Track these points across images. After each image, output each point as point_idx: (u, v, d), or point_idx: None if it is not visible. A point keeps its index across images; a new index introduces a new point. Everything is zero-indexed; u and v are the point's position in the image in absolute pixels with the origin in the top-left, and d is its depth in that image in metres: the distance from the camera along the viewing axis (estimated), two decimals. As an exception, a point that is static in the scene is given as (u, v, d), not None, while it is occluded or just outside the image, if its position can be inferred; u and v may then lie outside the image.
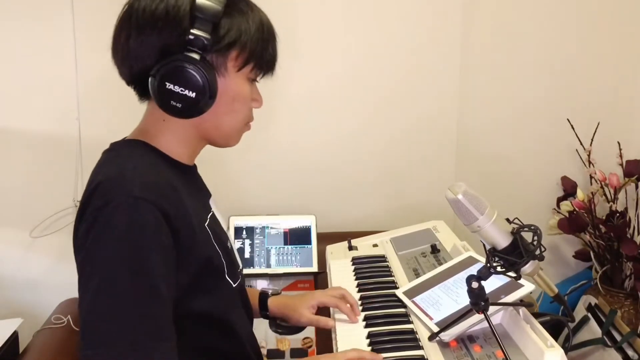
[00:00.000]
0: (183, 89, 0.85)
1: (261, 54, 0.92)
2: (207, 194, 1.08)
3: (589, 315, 1.77)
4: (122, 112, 1.90)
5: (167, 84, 0.85)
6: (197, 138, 0.96)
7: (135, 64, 0.89)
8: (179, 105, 0.86)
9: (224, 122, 0.94)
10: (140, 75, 0.89)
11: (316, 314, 1.20)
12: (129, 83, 0.94)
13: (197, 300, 0.90)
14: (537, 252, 0.90)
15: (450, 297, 1.11)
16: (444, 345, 1.00)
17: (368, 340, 1.05)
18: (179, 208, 0.87)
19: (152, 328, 0.79)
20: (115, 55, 0.92)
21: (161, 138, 0.93)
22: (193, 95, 0.85)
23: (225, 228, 1.06)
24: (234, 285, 0.99)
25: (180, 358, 0.82)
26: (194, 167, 1.02)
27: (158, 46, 0.86)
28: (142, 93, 0.94)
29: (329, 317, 1.19)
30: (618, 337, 1.64)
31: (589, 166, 1.85)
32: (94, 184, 0.84)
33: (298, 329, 1.25)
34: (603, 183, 1.80)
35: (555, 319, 1.13)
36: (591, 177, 1.86)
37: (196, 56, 0.85)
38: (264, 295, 1.24)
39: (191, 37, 0.84)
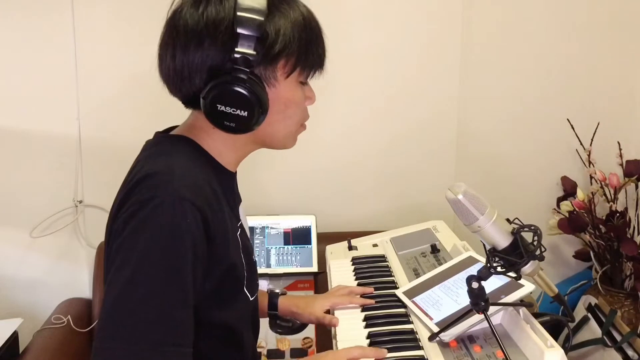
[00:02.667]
0: (235, 110, 0.84)
1: (308, 56, 0.90)
2: (239, 200, 1.06)
3: (589, 315, 1.77)
4: (122, 112, 1.93)
5: (219, 105, 0.84)
6: (250, 144, 0.95)
7: (183, 85, 0.87)
8: (232, 124, 0.86)
9: (278, 129, 0.93)
10: (191, 95, 0.88)
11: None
12: (183, 102, 0.92)
13: (213, 309, 0.88)
14: (537, 252, 0.89)
15: (450, 297, 1.11)
16: (444, 345, 1.00)
17: (368, 341, 1.05)
18: (218, 215, 0.86)
19: (176, 332, 0.77)
20: (161, 73, 0.90)
21: (210, 141, 0.92)
22: (245, 114, 0.85)
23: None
24: (250, 299, 0.97)
25: None
26: (235, 173, 1.00)
27: (205, 68, 0.85)
28: (189, 102, 0.92)
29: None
30: (618, 337, 1.65)
31: (589, 166, 1.85)
32: (141, 175, 0.81)
33: (298, 329, 1.25)
34: (603, 183, 1.80)
35: (555, 319, 1.12)
36: (591, 177, 1.86)
37: (244, 75, 0.83)
38: (274, 295, 1.24)
39: (237, 55, 0.82)
